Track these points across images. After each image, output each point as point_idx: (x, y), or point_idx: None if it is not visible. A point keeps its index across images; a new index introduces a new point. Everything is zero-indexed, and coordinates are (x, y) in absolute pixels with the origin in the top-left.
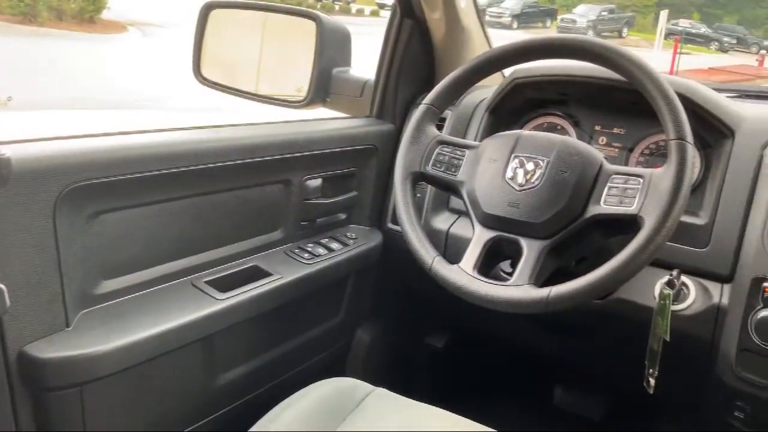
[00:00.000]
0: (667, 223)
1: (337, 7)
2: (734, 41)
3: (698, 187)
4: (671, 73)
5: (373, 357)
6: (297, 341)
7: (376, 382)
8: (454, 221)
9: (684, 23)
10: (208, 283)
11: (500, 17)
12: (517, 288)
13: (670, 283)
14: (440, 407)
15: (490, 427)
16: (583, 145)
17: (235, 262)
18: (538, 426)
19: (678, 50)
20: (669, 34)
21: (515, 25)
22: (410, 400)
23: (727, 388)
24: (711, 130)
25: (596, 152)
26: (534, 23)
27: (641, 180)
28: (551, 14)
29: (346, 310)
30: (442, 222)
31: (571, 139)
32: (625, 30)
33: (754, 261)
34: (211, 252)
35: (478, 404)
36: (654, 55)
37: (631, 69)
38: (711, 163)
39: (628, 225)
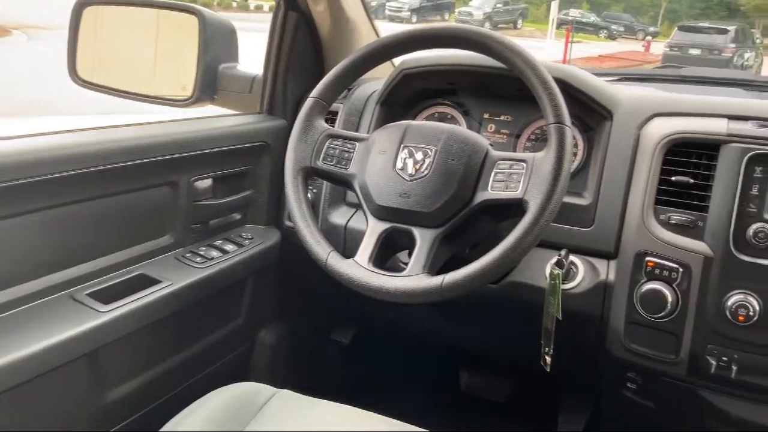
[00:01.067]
0: (550, 205)
1: (234, 4)
2: (622, 29)
3: (582, 169)
4: (564, 61)
5: (279, 358)
6: (195, 348)
7: (284, 383)
8: (352, 215)
9: (574, 13)
10: (89, 295)
11: (399, 11)
12: (412, 278)
13: (559, 263)
14: (350, 403)
15: (397, 419)
16: (469, 133)
17: (120, 272)
18: (446, 413)
19: (570, 39)
20: (561, 24)
21: (414, 19)
22: (315, 399)
23: (618, 361)
24: (591, 114)
25: (482, 139)
26: (433, 17)
27: (524, 164)
28: (449, 7)
29: (246, 313)
30: (339, 216)
31: (458, 127)
32: (519, 21)
33: (635, 237)
34: (93, 262)
35: (388, 396)
36: (548, 44)
37: (509, 56)
38: (593, 145)
39: (514, 209)
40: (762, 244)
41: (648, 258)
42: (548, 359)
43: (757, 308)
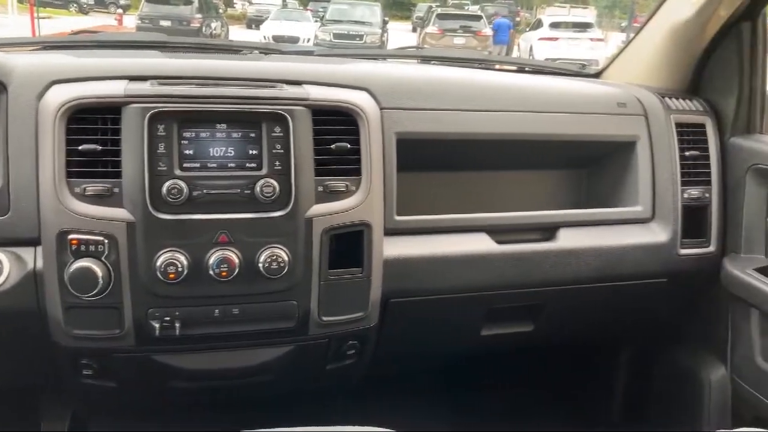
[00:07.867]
0: None
1: None
2: (92, 2)
3: None
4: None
5: None
6: None
7: None
8: None
9: None
10: None
11: None
12: None
13: None
14: None
15: None
16: None
17: None
18: None
19: (36, 15)
20: None
21: None
22: None
23: (68, 351)
24: None
25: None
26: None
27: None
28: None
29: None
30: None
31: None
32: None
33: (54, 216)
34: None
35: None
36: (10, 20)
37: None
38: None
39: None
40: (177, 200)
41: (71, 236)
42: None
43: (185, 263)
